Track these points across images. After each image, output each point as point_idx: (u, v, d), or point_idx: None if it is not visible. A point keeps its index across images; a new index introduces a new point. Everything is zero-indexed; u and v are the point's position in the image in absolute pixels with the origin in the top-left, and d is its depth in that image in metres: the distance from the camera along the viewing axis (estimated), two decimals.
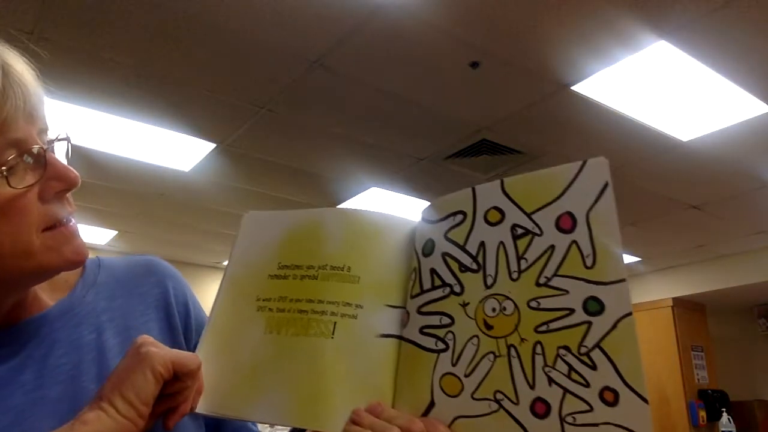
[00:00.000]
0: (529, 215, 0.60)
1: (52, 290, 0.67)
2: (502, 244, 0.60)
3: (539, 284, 0.57)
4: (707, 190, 4.03)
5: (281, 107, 3.00)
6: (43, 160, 0.57)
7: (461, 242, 0.63)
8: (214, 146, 3.44)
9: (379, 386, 0.61)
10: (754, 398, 6.24)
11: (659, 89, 2.80)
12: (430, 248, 0.64)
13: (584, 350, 0.54)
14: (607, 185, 0.57)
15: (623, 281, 0.54)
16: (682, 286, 5.96)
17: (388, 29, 2.39)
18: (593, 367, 0.53)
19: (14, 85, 0.56)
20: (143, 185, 4.08)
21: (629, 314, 0.53)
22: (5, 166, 0.54)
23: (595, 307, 0.55)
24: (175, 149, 3.49)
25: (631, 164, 3.59)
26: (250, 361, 0.64)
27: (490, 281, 0.60)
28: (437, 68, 2.66)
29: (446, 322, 0.61)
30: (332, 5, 2.26)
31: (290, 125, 3.20)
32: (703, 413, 5.68)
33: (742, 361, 6.62)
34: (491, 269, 0.60)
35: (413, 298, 0.64)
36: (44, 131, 0.60)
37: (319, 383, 0.61)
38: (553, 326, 0.56)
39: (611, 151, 3.43)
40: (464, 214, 0.63)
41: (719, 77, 2.70)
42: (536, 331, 0.56)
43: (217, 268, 6.34)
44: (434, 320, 0.61)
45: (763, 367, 6.52)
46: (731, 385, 6.14)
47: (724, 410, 5.67)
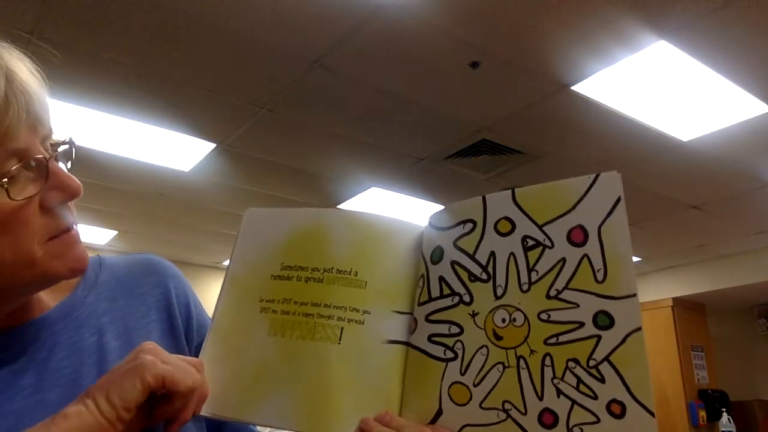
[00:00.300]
0: (540, 227, 0.60)
1: (53, 291, 0.66)
2: (512, 255, 0.60)
3: (550, 297, 0.58)
4: (707, 190, 4.03)
5: (281, 107, 3.00)
6: (45, 170, 0.56)
7: (471, 251, 0.62)
8: (214, 146, 3.44)
9: (386, 393, 0.61)
10: (754, 398, 6.24)
11: (659, 89, 2.80)
12: (438, 256, 0.64)
13: (593, 363, 0.54)
14: (619, 200, 0.58)
15: (634, 296, 0.55)
16: (682, 286, 5.96)
17: (388, 29, 2.39)
18: (601, 380, 0.54)
19: (17, 93, 0.54)
20: (143, 185, 4.07)
21: (639, 329, 0.54)
22: (6, 177, 0.54)
23: (605, 321, 0.55)
24: (175, 149, 3.48)
25: (631, 164, 3.59)
26: (253, 363, 0.63)
27: (500, 292, 0.60)
28: (437, 68, 2.66)
29: (455, 331, 0.61)
30: (332, 5, 2.26)
31: (290, 125, 3.19)
32: (703, 413, 5.68)
33: (742, 361, 6.62)
34: (501, 280, 0.60)
35: (421, 305, 0.64)
36: (48, 137, 0.59)
37: (326, 389, 0.60)
38: (562, 339, 0.56)
39: (611, 151, 3.43)
40: (474, 222, 0.63)
41: (719, 77, 2.70)
42: (546, 343, 0.56)
43: (217, 268, 6.34)
44: (443, 329, 0.61)
45: (763, 367, 6.52)
46: (731, 385, 6.14)
47: (724, 410, 5.67)
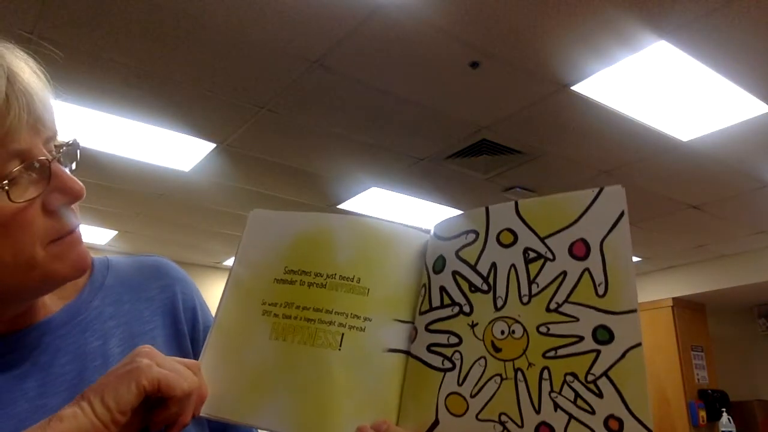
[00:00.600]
0: (542, 239, 0.60)
1: (59, 294, 0.66)
2: (513, 266, 0.60)
3: (549, 310, 0.57)
4: (707, 190, 4.02)
5: (281, 107, 3.00)
6: (47, 171, 0.56)
7: (472, 262, 0.62)
8: (214, 146, 3.44)
9: (385, 401, 0.61)
10: (754, 398, 6.24)
11: (659, 89, 2.80)
12: (440, 265, 0.64)
13: (591, 378, 0.54)
14: (623, 214, 0.57)
15: (634, 312, 0.55)
16: (682, 286, 5.96)
17: (388, 29, 2.39)
18: (599, 395, 0.54)
19: (19, 94, 0.54)
20: (143, 185, 4.07)
21: (638, 345, 0.54)
22: (7, 179, 0.53)
23: (604, 336, 0.55)
24: (175, 149, 3.48)
25: (631, 164, 3.59)
26: (255, 366, 0.64)
27: (500, 303, 0.60)
28: (437, 68, 2.66)
29: (454, 341, 0.61)
30: (332, 5, 2.26)
31: (290, 125, 3.19)
32: (703, 413, 5.69)
33: (742, 361, 6.63)
34: (501, 291, 0.60)
35: (422, 314, 0.64)
36: (52, 138, 0.58)
37: (325, 395, 0.60)
38: (561, 352, 0.56)
39: (611, 151, 3.43)
40: (476, 233, 0.63)
41: (719, 77, 2.70)
42: (544, 356, 0.56)
43: (217, 268, 6.34)
44: (442, 339, 0.61)
45: (763, 367, 6.52)
46: (731, 385, 6.14)
47: (724, 410, 5.67)
